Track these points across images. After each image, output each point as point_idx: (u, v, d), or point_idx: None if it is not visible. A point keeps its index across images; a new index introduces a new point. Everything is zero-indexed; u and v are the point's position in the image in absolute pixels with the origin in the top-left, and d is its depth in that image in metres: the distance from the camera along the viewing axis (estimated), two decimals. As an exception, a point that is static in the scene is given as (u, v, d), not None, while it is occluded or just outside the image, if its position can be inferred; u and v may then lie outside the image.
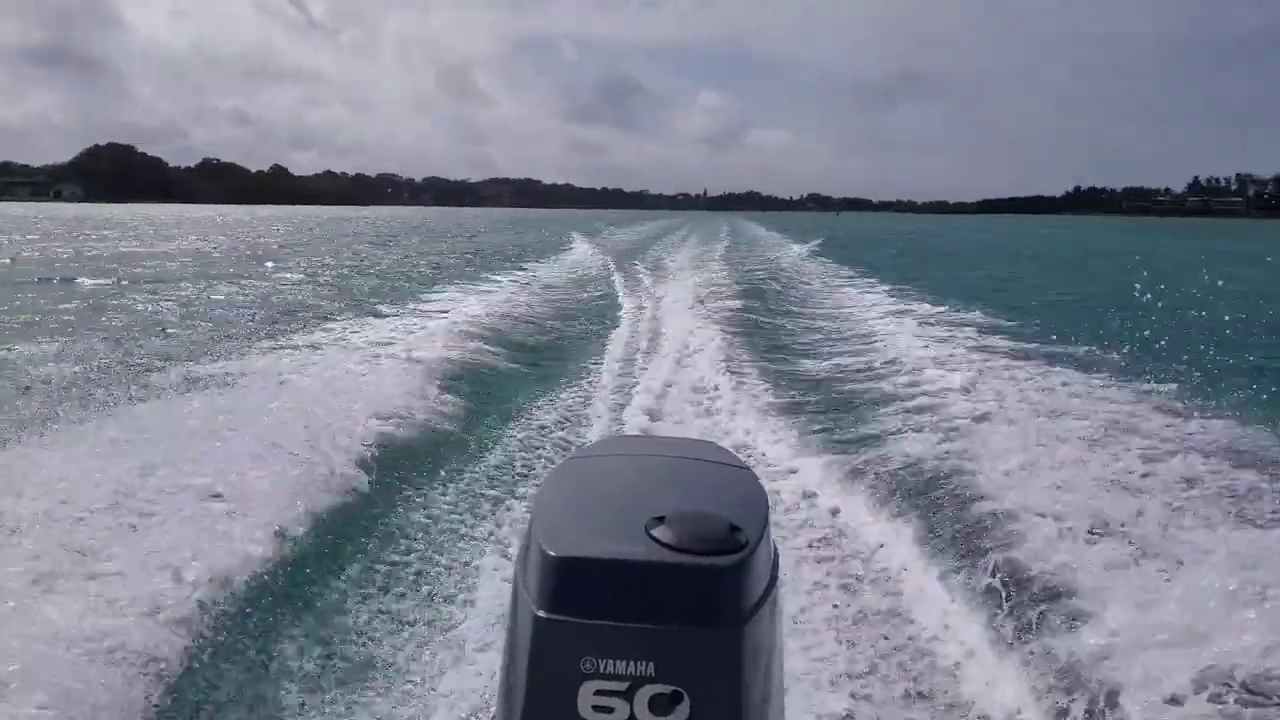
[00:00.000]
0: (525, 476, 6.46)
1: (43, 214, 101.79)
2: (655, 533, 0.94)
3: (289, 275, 24.80)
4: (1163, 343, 10.14)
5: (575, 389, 9.51)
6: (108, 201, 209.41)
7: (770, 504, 1.08)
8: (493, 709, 1.04)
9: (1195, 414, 7.26)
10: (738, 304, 16.42)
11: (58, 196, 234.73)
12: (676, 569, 0.91)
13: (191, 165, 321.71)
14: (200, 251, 35.61)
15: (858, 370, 10.36)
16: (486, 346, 11.05)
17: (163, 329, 13.68)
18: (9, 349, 11.46)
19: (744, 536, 0.95)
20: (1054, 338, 11.75)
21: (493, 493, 6.10)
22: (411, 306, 15.61)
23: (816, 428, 7.61)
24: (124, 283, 21.85)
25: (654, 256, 32.99)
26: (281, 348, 10.99)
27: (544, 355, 11.54)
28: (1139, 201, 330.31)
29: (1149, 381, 8.56)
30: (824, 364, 10.96)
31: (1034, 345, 11.47)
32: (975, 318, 14.56)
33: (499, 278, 21.98)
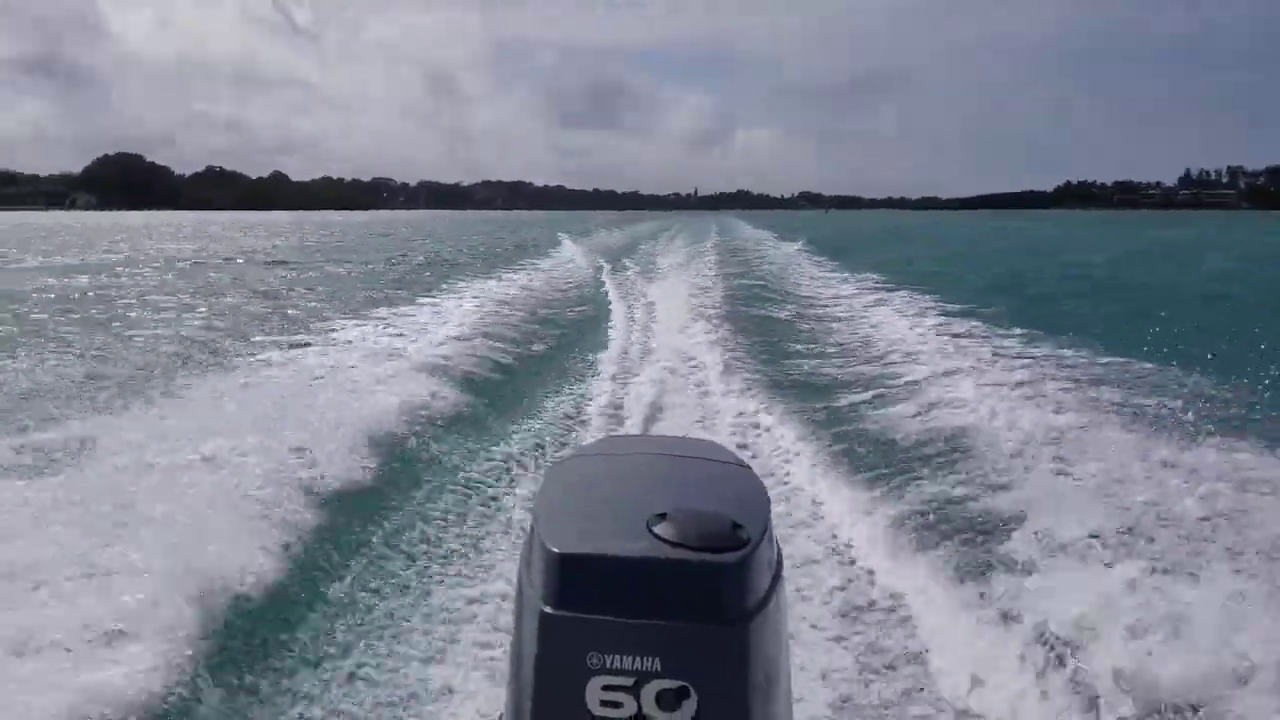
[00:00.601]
0: (523, 475, 6.54)
1: (102, 223, 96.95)
2: (657, 530, 0.96)
3: (338, 270, 27.15)
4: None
5: (570, 388, 9.56)
6: (120, 209, 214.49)
7: (771, 502, 1.09)
8: (501, 705, 1.05)
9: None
10: (730, 301, 16.56)
11: (73, 205, 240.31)
12: (680, 565, 0.92)
13: (196, 172, 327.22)
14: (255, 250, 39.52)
15: (853, 365, 10.34)
16: (480, 347, 11.09)
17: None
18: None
19: (746, 533, 0.96)
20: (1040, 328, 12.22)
21: (491, 492, 6.17)
22: (411, 307, 15.72)
23: (814, 424, 7.55)
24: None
25: (645, 255, 33.46)
26: (288, 346, 11.33)
27: (537, 355, 11.51)
28: (1129, 195, 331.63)
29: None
30: (818, 360, 10.91)
31: (1022, 335, 11.79)
32: (964, 309, 14.61)
33: (491, 279, 21.92)
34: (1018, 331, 11.97)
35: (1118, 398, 7.71)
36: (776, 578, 1.00)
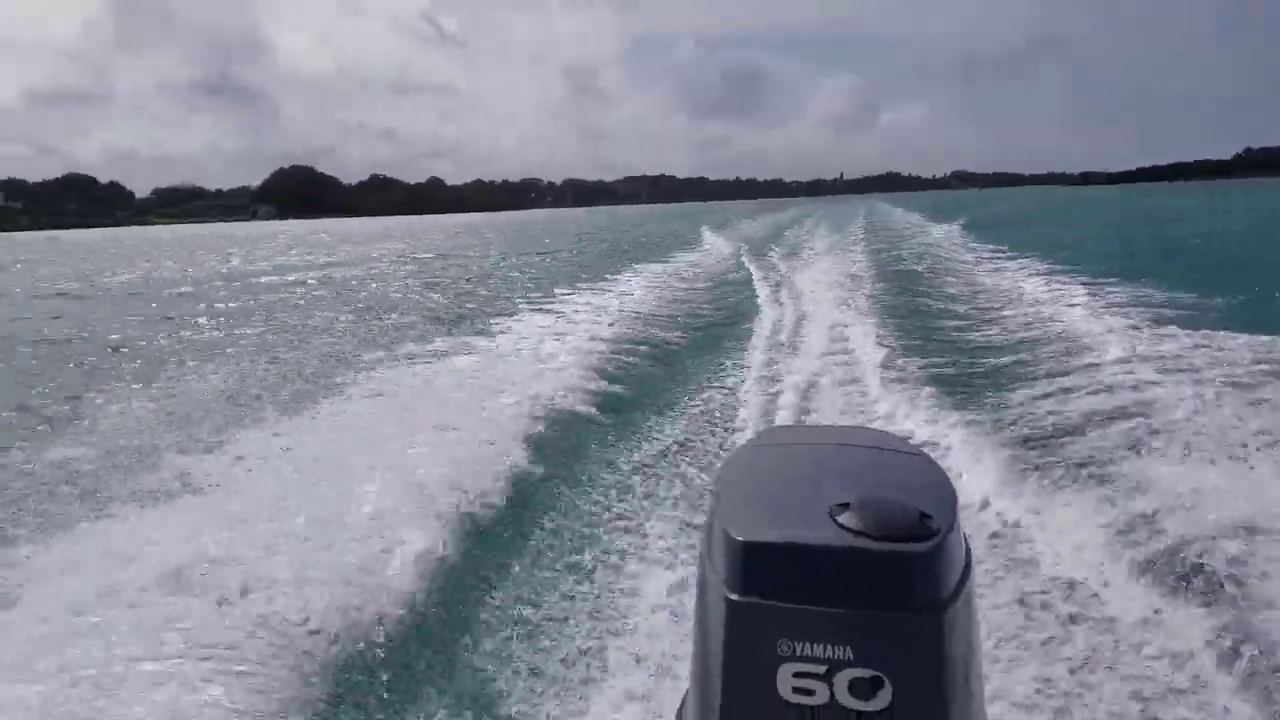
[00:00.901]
0: (684, 463, 6.73)
1: (294, 230, 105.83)
2: (841, 519, 0.96)
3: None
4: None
5: (721, 379, 9.74)
6: (296, 218, 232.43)
7: (957, 492, 1.07)
8: (685, 689, 1.07)
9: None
10: (881, 289, 16.29)
11: (254, 216, 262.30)
12: (870, 554, 0.92)
13: (361, 181, 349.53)
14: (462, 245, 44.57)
15: (1019, 352, 10.00)
16: (633, 339, 11.43)
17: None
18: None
19: (935, 524, 0.97)
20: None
21: (655, 480, 6.33)
22: (558, 301, 16.25)
23: (980, 415, 7.37)
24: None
25: (789, 244, 33.20)
26: (451, 338, 12.10)
27: (690, 347, 11.74)
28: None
29: None
30: (981, 347, 10.63)
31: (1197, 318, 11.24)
32: (1140, 291, 13.89)
33: (643, 270, 22.52)
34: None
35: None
36: (967, 569, 1.00)
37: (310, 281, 25.37)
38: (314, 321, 15.56)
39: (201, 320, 16.63)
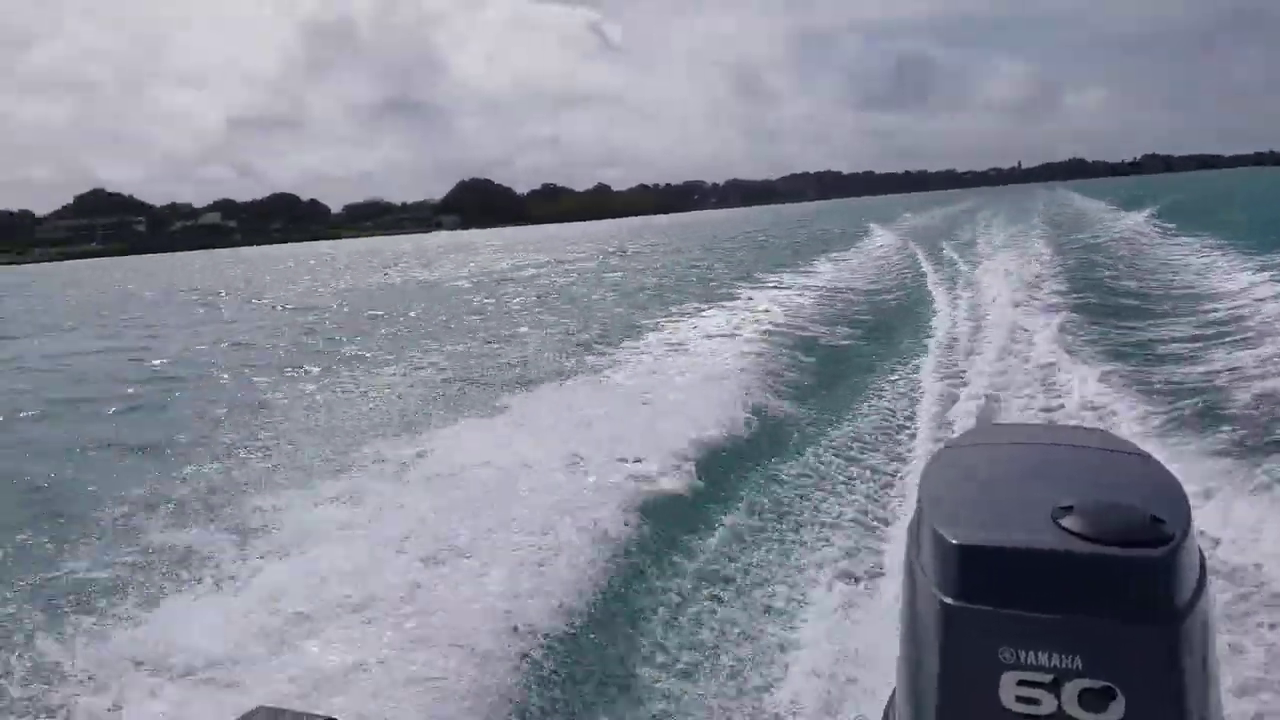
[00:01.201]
0: (872, 459, 6.69)
1: (488, 240, 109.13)
2: (1064, 522, 0.92)
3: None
4: None
5: (904, 375, 9.59)
6: (478, 228, 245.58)
7: (1188, 494, 1.01)
8: (890, 688, 1.06)
9: None
10: (1068, 282, 15.71)
11: (439, 227, 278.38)
12: (1101, 560, 0.88)
13: (534, 190, 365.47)
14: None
15: (1229, 347, 9.40)
16: (806, 332, 11.67)
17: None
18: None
19: (1168, 529, 0.92)
20: None
21: (841, 473, 6.33)
22: (733, 296, 17.06)
23: (1190, 415, 6.89)
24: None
25: (964, 237, 32.64)
26: (642, 331, 13.22)
27: (866, 342, 11.77)
28: None
29: None
30: (1185, 341, 10.02)
31: None
32: None
33: (815, 266, 23.41)
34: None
35: None
36: (1203, 576, 0.95)
37: (552, 275, 30.45)
38: (581, 301, 19.81)
39: (487, 302, 21.98)
